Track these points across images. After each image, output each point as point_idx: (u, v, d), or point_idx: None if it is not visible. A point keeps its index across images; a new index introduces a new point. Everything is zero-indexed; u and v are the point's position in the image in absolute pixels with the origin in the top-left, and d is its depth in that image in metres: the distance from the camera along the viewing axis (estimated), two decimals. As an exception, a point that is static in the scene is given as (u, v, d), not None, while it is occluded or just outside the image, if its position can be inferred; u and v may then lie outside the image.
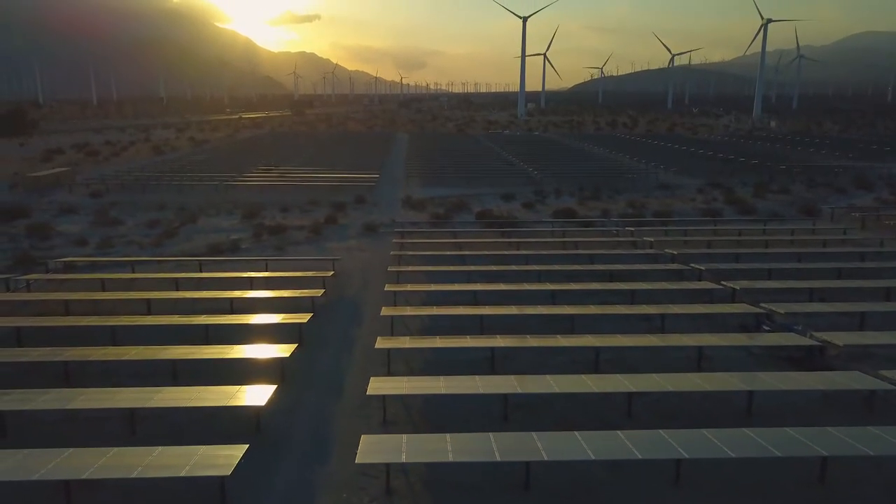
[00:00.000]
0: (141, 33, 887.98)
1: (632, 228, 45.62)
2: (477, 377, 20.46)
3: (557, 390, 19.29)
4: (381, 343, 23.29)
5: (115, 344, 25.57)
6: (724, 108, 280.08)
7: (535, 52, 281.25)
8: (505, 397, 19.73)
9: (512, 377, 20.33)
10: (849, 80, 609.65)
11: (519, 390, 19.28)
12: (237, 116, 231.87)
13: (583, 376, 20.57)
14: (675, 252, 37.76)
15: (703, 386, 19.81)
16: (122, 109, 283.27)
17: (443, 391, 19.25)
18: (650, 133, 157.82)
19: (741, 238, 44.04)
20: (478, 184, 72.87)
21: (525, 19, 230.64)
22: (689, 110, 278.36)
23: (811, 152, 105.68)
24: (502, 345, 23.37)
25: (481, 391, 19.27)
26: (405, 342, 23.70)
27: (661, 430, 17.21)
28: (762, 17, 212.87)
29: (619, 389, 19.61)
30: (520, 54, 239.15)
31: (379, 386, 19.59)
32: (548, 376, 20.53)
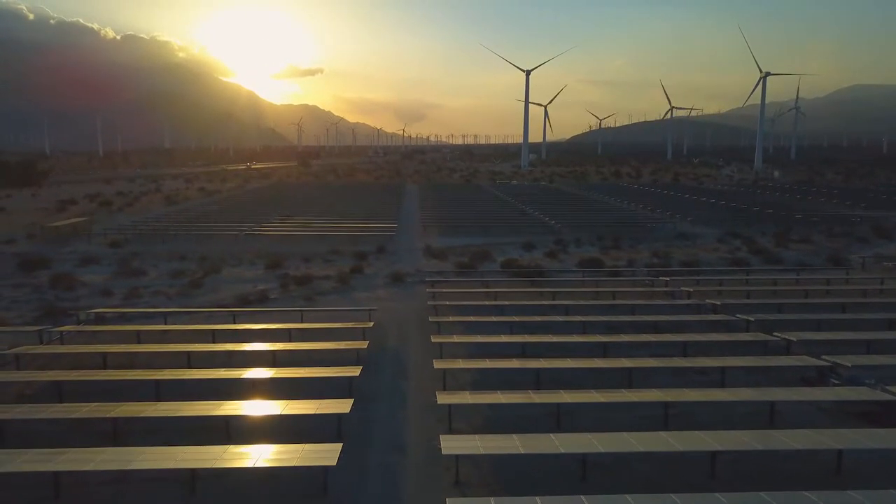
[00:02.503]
0: (146, 87, 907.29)
1: (666, 278, 45.04)
2: (552, 435, 19.55)
3: (641, 449, 18.36)
4: (443, 398, 22.41)
5: (158, 399, 24.66)
6: (724, 159, 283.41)
7: (537, 102, 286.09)
8: (583, 457, 18.80)
9: (589, 435, 19.41)
10: (842, 131, 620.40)
11: (601, 449, 18.35)
12: (235, 169, 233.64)
13: (662, 433, 19.67)
14: (717, 302, 37.12)
15: (790, 444, 18.89)
16: (129, 161, 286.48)
17: (521, 451, 18.31)
18: (656, 183, 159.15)
19: (777, 288, 43.44)
20: (495, 233, 72.79)
21: (528, 73, 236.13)
22: (690, 161, 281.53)
23: (822, 202, 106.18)
24: (569, 400, 22.47)
25: (561, 450, 18.33)
26: (466, 397, 22.83)
27: (761, 493, 16.25)
28: (761, 71, 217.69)
29: (702, 447, 18.69)
30: (521, 107, 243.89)
31: (453, 445, 18.66)
32: (625, 433, 19.63)
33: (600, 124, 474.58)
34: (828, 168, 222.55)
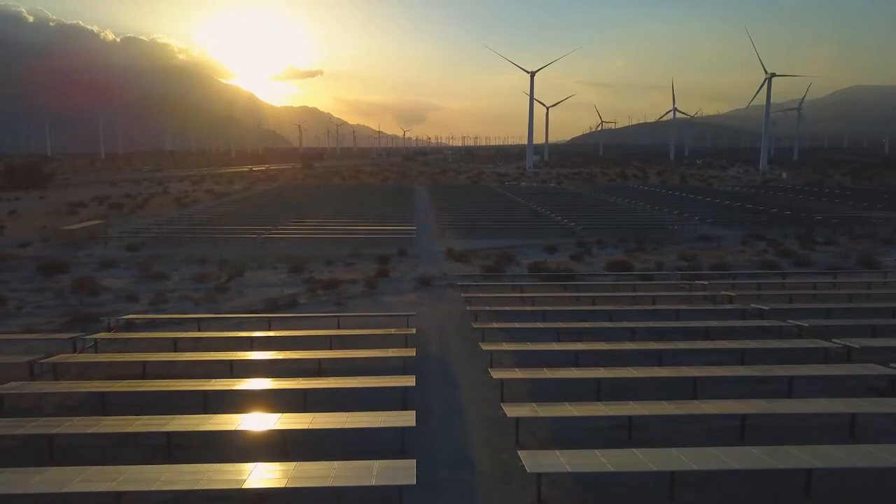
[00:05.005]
0: (146, 89, 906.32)
1: (704, 282, 44.09)
2: (635, 450, 18.59)
3: (735, 466, 17.40)
4: (511, 411, 21.43)
5: (206, 410, 23.68)
6: (727, 160, 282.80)
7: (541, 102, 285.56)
8: (672, 474, 17.85)
9: (675, 450, 18.45)
10: (842, 132, 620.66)
11: (693, 466, 17.40)
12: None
13: (750, 448, 18.70)
14: (764, 307, 36.17)
15: (892, 460, 17.93)
16: (132, 163, 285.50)
17: (609, 468, 17.35)
18: (664, 184, 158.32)
19: (817, 292, 42.47)
20: (513, 236, 71.85)
21: (533, 74, 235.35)
22: (694, 162, 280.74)
23: (837, 203, 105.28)
24: (641, 412, 21.51)
25: (651, 468, 17.38)
26: (534, 409, 21.84)
27: (875, 515, 15.30)
28: (766, 72, 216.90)
29: (797, 464, 17.72)
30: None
31: (536, 462, 17.68)
32: (712, 448, 18.67)
33: (601, 125, 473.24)
34: (832, 169, 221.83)
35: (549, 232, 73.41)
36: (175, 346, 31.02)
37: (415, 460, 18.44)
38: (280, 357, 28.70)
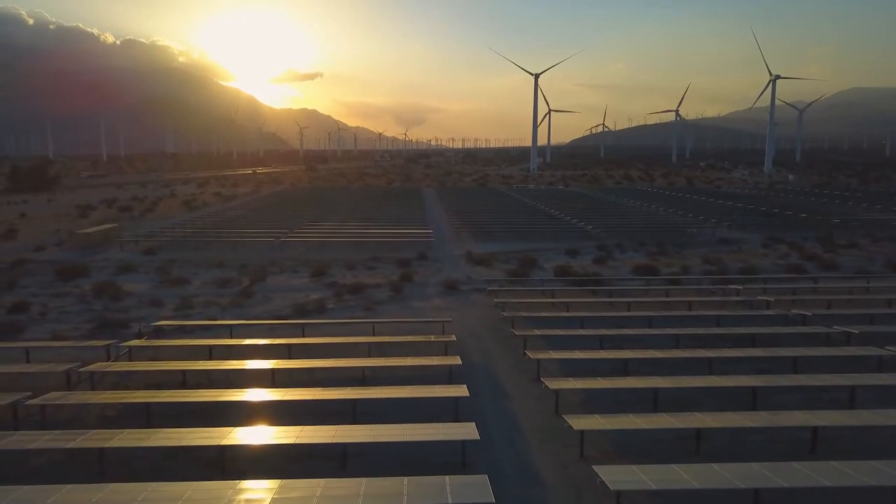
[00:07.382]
0: (146, 92, 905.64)
1: (738, 287, 43.42)
2: (715, 465, 17.90)
3: (826, 483, 16.72)
4: (577, 423, 20.72)
5: (254, 422, 22.98)
6: (730, 162, 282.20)
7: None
8: (756, 491, 17.16)
9: (757, 465, 17.77)
10: (843, 134, 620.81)
11: (782, 483, 16.71)
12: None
13: (833, 463, 18.01)
14: (807, 313, 35.48)
15: (984, 476, 17.25)
16: (134, 166, 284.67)
17: (694, 485, 16.66)
18: (671, 186, 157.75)
19: (854, 297, 41.80)
20: (531, 239, 71.11)
21: (537, 76, 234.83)
22: (697, 164, 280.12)
23: (849, 205, 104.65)
24: (710, 424, 20.83)
25: (739, 485, 16.69)
26: (599, 422, 21.14)
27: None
28: (770, 74, 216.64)
29: (890, 482, 17.03)
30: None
31: (618, 479, 16.97)
32: (794, 463, 17.99)
33: (602, 127, 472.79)
34: (837, 171, 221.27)
35: (567, 235, 72.69)
36: (210, 353, 30.28)
37: (486, 476, 17.74)
38: (321, 365, 27.98)
